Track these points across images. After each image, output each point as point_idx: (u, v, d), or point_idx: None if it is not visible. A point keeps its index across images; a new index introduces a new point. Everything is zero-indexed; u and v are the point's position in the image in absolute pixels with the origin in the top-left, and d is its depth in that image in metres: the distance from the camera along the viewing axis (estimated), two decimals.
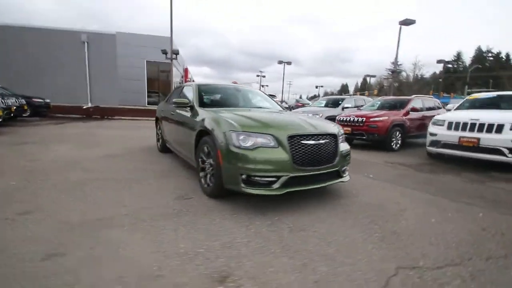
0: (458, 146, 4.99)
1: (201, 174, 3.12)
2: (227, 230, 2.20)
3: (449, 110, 6.60)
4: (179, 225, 2.26)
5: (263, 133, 2.57)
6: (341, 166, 2.94)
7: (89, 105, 14.68)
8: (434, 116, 7.96)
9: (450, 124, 5.24)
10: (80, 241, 1.95)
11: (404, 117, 7.07)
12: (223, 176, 2.61)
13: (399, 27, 17.38)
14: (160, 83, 17.38)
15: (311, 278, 1.63)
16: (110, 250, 1.85)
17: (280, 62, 32.35)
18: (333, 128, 3.03)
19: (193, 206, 2.68)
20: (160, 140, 5.31)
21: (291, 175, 2.50)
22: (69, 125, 9.50)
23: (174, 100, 3.82)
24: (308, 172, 2.61)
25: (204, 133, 3.08)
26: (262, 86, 44.18)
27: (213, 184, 2.80)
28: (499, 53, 57.16)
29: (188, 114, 3.71)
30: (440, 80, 42.60)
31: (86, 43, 14.57)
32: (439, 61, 28.28)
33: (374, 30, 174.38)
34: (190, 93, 4.06)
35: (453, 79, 57.53)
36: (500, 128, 4.58)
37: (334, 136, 2.89)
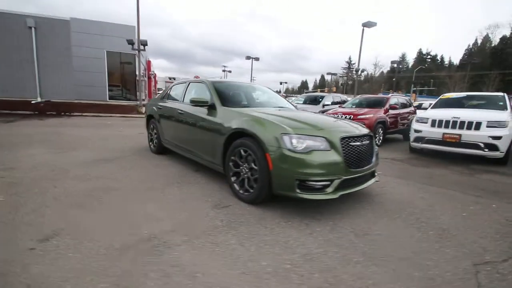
0: (442, 142, 5.50)
1: (233, 179, 2.92)
2: (296, 240, 2.08)
3: (425, 108, 7.22)
4: (241, 238, 2.07)
5: (315, 136, 2.48)
6: (376, 166, 3.01)
7: (39, 99, 12.78)
8: (407, 113, 8.75)
9: (434, 121, 5.74)
10: (145, 269, 1.65)
11: (384, 114, 7.56)
12: (273, 182, 2.46)
13: (362, 28, 18.56)
14: (123, 76, 15.86)
15: (413, 285, 1.62)
16: (187, 277, 1.60)
17: (248, 58, 32.26)
18: (367, 128, 3.08)
19: (239, 215, 2.48)
20: (155, 141, 4.85)
21: (344, 177, 2.47)
22: (22, 124, 8.15)
23: (192, 98, 3.48)
24: (357, 174, 2.60)
25: (236, 135, 2.87)
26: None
27: (255, 190, 2.62)
28: (435, 56, 64.85)
29: (204, 113, 3.43)
30: (394, 79, 46.68)
31: (33, 29, 12.49)
32: (393, 62, 30.91)
33: (328, 30, 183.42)
34: (203, 91, 3.75)
35: (399, 78, 63.72)
36: (478, 126, 5.16)
37: (371, 137, 2.93)
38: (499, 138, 4.97)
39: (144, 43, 12.67)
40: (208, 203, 2.74)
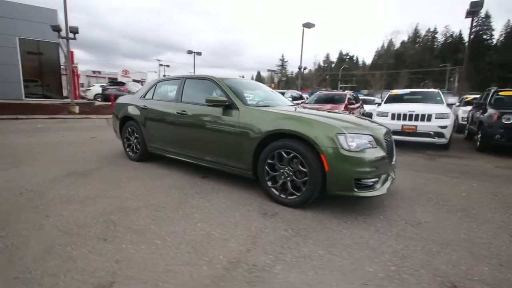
0: (402, 132, 6.33)
1: (270, 184, 2.75)
2: (373, 239, 2.09)
3: (379, 103, 8.21)
4: (324, 246, 1.97)
5: (365, 134, 2.52)
6: None
7: None
8: (358, 107, 9.76)
9: (393, 115, 6.55)
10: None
11: (345, 110, 8.26)
12: (329, 182, 2.40)
13: (302, 29, 19.77)
14: (41, 69, 12.96)
15: (492, 263, 1.82)
16: None
17: (190, 52, 30.66)
18: None
19: (296, 222, 2.35)
20: (138, 146, 4.18)
21: (389, 173, 2.59)
22: None
23: (208, 98, 3.08)
24: (392, 168, 2.76)
25: (271, 137, 2.70)
26: (164, 76, 40.38)
27: (304, 193, 2.52)
28: (352, 56, 73.97)
29: (219, 114, 3.12)
30: (328, 77, 51.19)
31: None
32: (325, 61, 33.80)
33: (262, 27, 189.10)
34: (209, 89, 3.40)
35: (324, 76, 70.65)
36: (430, 117, 6.12)
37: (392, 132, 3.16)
38: (445, 127, 6.00)
39: (75, 31, 10.65)
40: (253, 213, 2.52)
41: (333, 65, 73.34)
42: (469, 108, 8.93)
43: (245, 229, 2.20)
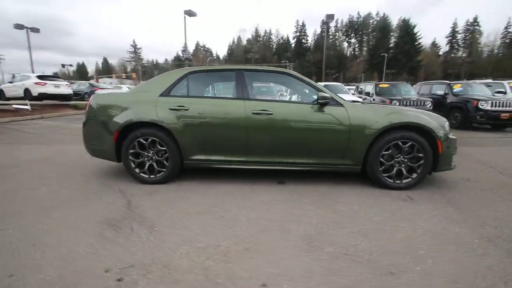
0: None
1: (386, 175, 2.95)
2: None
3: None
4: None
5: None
6: None
7: None
8: None
9: None
10: None
11: None
12: (440, 162, 2.93)
13: (184, 16, 18.62)
14: None
15: None
16: None
17: None
18: None
19: (446, 212, 2.73)
20: (166, 162, 3.03)
21: None
22: None
23: (321, 95, 2.72)
24: None
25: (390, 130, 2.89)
26: None
27: (419, 175, 2.94)
28: (209, 48, 76.82)
29: (313, 111, 2.92)
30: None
31: None
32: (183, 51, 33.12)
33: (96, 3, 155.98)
34: (289, 84, 3.03)
35: (184, 66, 69.79)
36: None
37: None
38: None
39: None
40: (399, 201, 2.66)
41: (191, 57, 73.25)
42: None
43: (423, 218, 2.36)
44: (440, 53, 67.52)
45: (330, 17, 16.30)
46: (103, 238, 1.95)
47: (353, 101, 3.56)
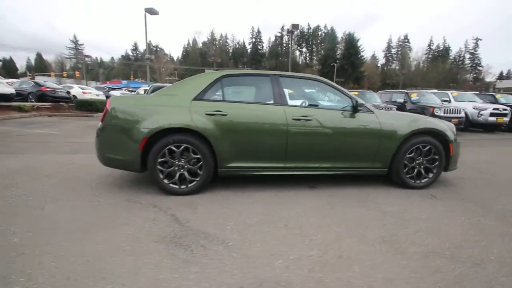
0: None
1: (409, 176, 3.22)
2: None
3: None
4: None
5: None
6: None
7: None
8: None
9: None
10: None
11: None
12: (450, 163, 3.30)
13: (144, 13, 17.47)
14: None
15: None
16: None
17: None
18: None
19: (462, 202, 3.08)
20: (199, 171, 2.82)
21: None
22: None
23: (360, 102, 2.84)
24: None
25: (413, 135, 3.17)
26: None
27: (435, 175, 3.27)
28: (162, 48, 73.28)
29: (346, 116, 3.06)
30: (150, 69, 47.02)
31: None
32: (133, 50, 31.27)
33: None
34: (323, 91, 3.10)
35: (136, 66, 65.23)
36: None
37: None
38: None
39: None
40: (431, 205, 2.92)
41: (141, 56, 68.96)
42: None
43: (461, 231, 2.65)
44: (379, 65, 75.99)
45: (295, 26, 17.15)
46: (181, 260, 1.72)
47: None
